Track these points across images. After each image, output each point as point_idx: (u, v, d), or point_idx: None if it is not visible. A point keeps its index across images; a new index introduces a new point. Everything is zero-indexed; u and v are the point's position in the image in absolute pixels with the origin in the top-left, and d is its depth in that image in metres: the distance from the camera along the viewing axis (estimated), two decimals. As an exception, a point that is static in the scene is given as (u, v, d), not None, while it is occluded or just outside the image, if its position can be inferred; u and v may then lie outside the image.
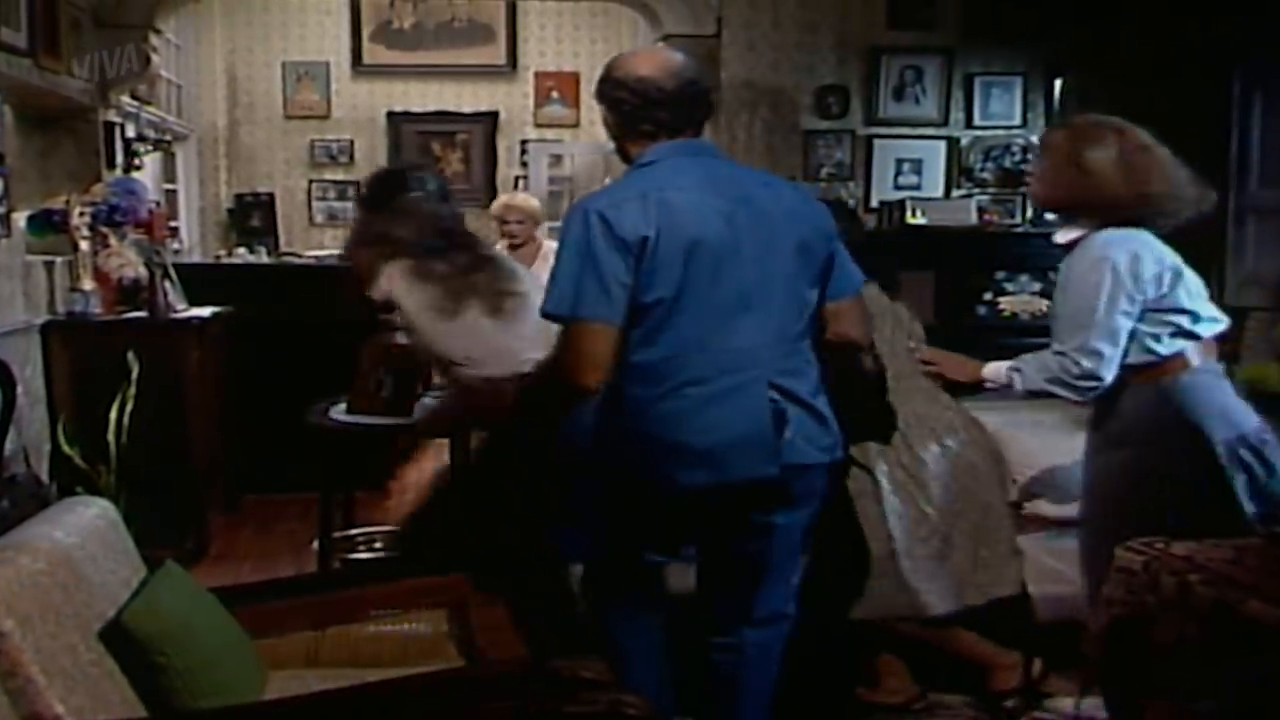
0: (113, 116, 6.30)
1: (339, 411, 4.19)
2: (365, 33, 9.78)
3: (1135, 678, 2.60)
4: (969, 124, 6.79)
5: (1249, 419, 3.10)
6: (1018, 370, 3.21)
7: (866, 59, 6.71)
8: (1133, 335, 3.04)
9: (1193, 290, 3.09)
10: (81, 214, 5.14)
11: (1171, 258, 3.08)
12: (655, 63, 2.86)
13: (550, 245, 5.97)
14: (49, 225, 5.13)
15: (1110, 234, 3.08)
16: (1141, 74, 6.13)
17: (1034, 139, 6.44)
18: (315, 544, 4.66)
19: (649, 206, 2.67)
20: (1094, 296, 3.01)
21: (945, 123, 6.78)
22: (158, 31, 6.50)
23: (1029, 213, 6.52)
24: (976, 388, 3.45)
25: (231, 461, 5.92)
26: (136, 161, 6.49)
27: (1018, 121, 6.77)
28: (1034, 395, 3.23)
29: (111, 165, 6.16)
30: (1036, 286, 5.91)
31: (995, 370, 3.31)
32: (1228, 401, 3.11)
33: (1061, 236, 3.23)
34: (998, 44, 6.70)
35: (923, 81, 6.72)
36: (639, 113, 2.81)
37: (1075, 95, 6.54)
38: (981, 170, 6.72)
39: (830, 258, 2.87)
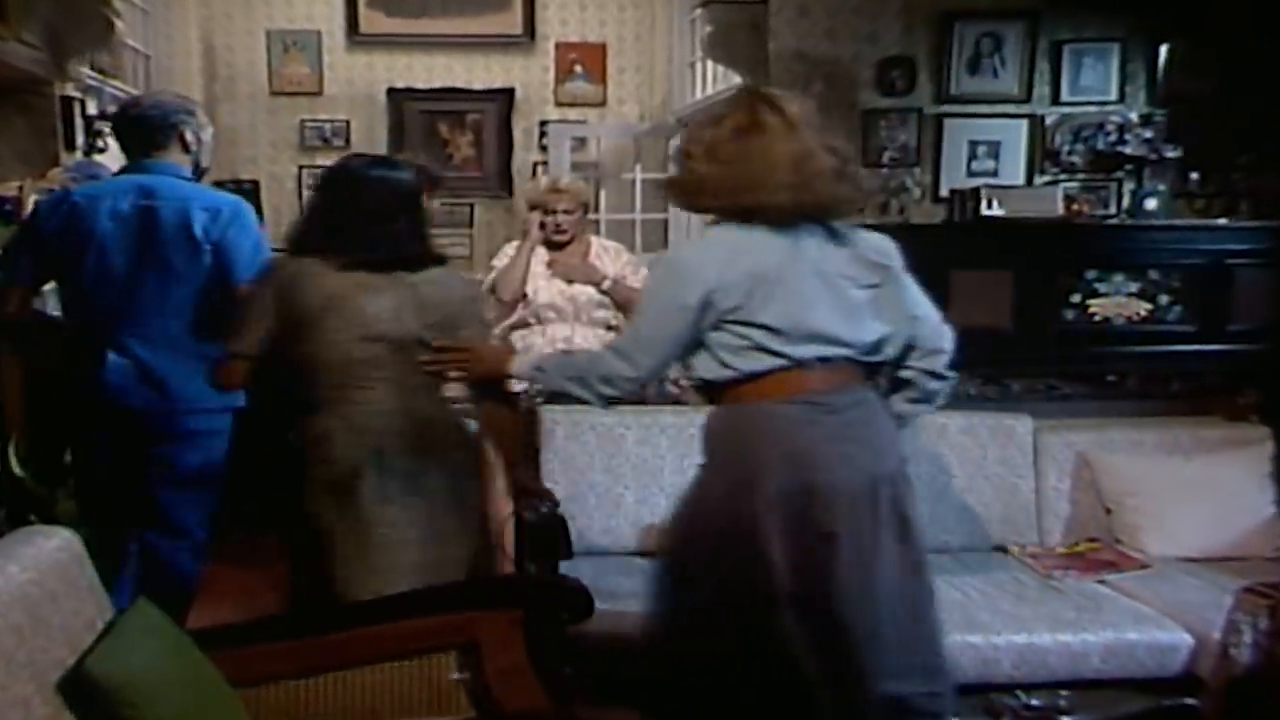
0: (71, 91, 6.30)
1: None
2: (362, -3, 9.81)
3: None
4: (1055, 100, 6.72)
5: (832, 473, 3.00)
6: (540, 369, 3.32)
7: (936, 26, 6.64)
8: (708, 346, 3.05)
9: (792, 306, 3.02)
10: (37, 202, 5.13)
11: (775, 262, 3.02)
12: (133, 100, 4.77)
13: (603, 243, 5.81)
14: (-1, 215, 5.14)
15: (709, 232, 3.18)
16: (1261, 40, 6.06)
17: (1133, 116, 6.37)
18: (305, 580, 4.65)
19: (64, 206, 4.21)
20: (648, 298, 3.18)
21: (1028, 98, 6.71)
22: (122, -7, 6.53)
23: (1125, 202, 6.46)
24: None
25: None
26: (99, 142, 6.48)
27: (1113, 96, 6.68)
28: (559, 398, 3.40)
29: (71, 146, 6.17)
30: (1133, 287, 5.83)
31: (524, 366, 3.43)
32: (807, 446, 3.01)
33: None
34: (1090, 6, 6.63)
35: (1002, 51, 6.65)
36: (117, 135, 4.45)
37: (1182, 65, 6.47)
38: (1070, 153, 6.64)
39: (225, 257, 4.13)
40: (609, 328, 5.51)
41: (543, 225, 5.57)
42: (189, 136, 4.30)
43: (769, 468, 2.97)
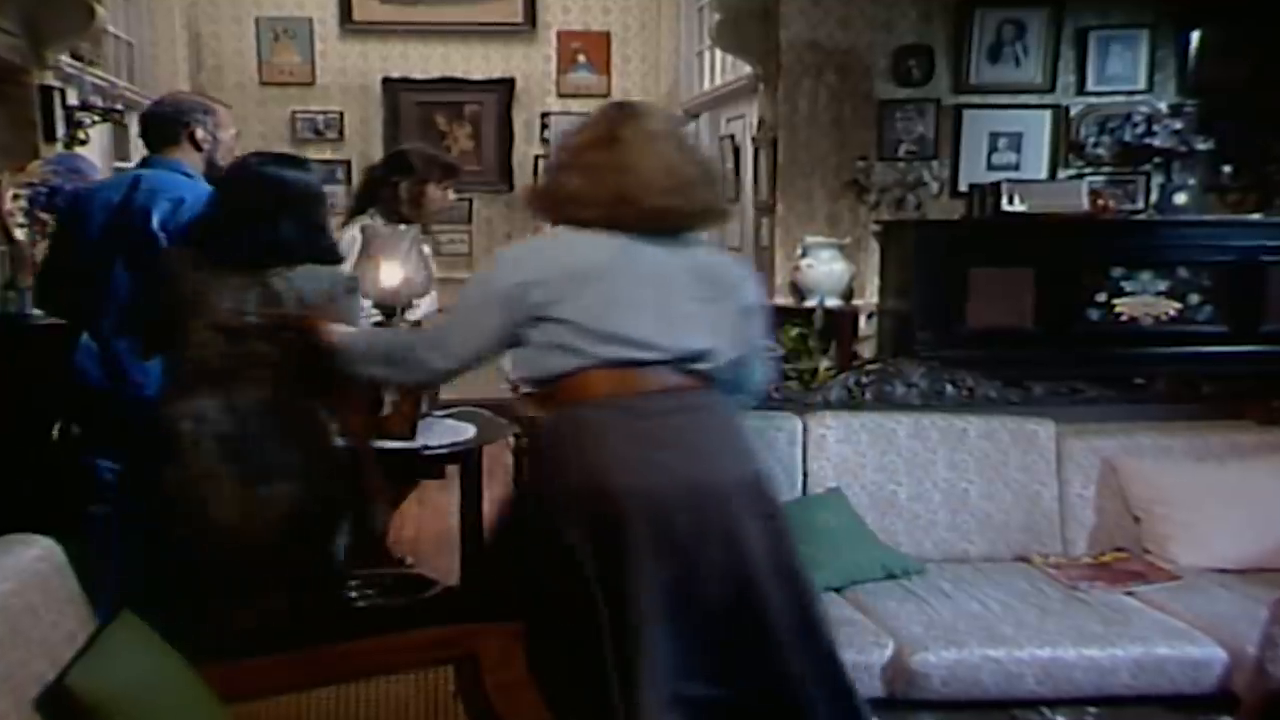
0: (50, 80, 6.29)
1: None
2: (355, -17, 9.80)
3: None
4: (1081, 89, 6.73)
5: (635, 478, 2.96)
6: (353, 347, 3.41)
7: (955, 12, 6.64)
8: (525, 344, 3.11)
9: (601, 306, 3.05)
10: (16, 197, 5.14)
11: (598, 261, 3.07)
12: (160, 98, 5.02)
13: None
14: (-23, 210, 5.15)
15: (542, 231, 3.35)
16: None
17: (1162, 106, 6.36)
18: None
19: (71, 199, 4.72)
20: (467, 289, 3.25)
21: (1051, 88, 6.71)
22: (104, -22, 6.53)
23: (1153, 196, 6.44)
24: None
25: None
26: (81, 134, 6.48)
27: (1141, 85, 6.68)
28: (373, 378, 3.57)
29: (50, 138, 6.16)
30: (1162, 285, 5.84)
31: (342, 338, 3.48)
32: (608, 449, 3.00)
33: None
34: (1118, -11, 6.64)
35: (1024, 38, 6.65)
36: (140, 132, 4.71)
37: (1214, 52, 6.44)
38: (1095, 145, 6.65)
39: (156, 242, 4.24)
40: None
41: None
42: (200, 134, 4.44)
43: (567, 469, 3.00)
